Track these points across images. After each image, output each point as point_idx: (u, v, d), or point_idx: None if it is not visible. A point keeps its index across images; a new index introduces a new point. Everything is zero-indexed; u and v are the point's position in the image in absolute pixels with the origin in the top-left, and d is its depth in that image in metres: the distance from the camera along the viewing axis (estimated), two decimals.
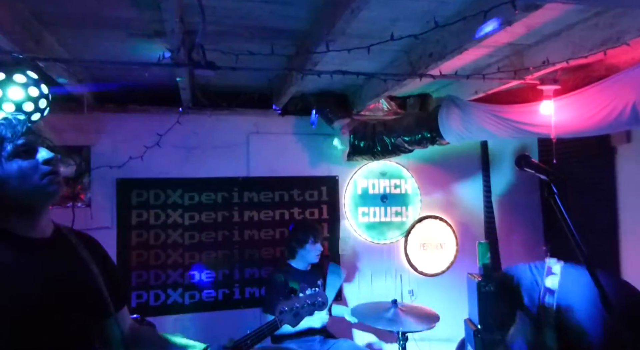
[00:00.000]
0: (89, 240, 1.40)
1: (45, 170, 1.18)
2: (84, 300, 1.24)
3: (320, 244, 3.46)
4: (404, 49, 2.67)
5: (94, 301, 1.28)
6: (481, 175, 4.35)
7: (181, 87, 3.00)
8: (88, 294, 1.26)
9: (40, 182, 1.18)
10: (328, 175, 4.12)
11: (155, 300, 3.67)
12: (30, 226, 1.20)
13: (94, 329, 1.27)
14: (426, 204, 4.30)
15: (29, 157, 1.17)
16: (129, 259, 3.62)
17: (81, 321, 1.22)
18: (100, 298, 1.29)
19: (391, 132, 3.68)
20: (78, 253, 1.30)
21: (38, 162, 1.18)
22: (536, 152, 4.19)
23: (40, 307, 1.13)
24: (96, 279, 1.30)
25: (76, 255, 1.29)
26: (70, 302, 1.20)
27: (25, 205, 1.18)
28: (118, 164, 3.52)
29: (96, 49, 2.58)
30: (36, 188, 1.17)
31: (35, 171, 1.17)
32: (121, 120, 3.58)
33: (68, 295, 1.21)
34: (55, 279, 1.19)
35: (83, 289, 1.26)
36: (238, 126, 3.90)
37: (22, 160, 1.16)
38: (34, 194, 1.18)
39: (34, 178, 1.17)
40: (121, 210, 3.63)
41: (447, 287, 4.21)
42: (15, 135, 1.17)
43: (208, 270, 3.79)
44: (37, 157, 1.18)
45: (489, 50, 2.65)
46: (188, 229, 3.77)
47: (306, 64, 2.48)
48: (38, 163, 1.18)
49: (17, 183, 1.15)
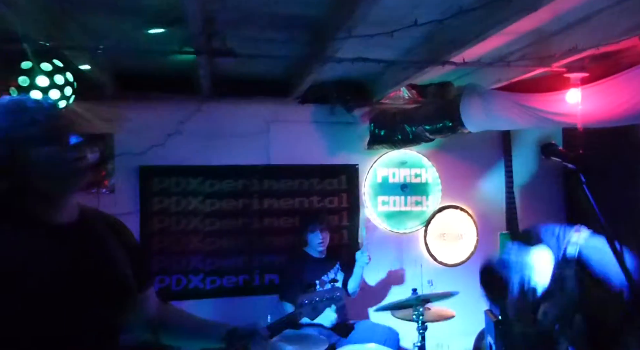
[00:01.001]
0: (113, 222, 1.41)
1: (73, 155, 1.20)
2: (108, 282, 1.27)
3: (321, 232, 3.44)
4: (425, 36, 2.62)
5: (118, 282, 1.29)
6: (503, 164, 4.27)
7: (201, 75, 3.02)
8: (112, 275, 1.28)
9: (67, 167, 1.19)
10: (348, 164, 4.10)
11: (177, 285, 3.75)
12: (57, 211, 1.22)
13: (120, 310, 1.30)
14: (446, 194, 4.26)
15: (57, 141, 1.18)
16: (152, 244, 3.70)
17: (107, 303, 1.25)
18: (124, 279, 1.31)
19: (412, 121, 3.64)
20: (103, 236, 1.32)
21: (66, 146, 1.19)
22: (560, 142, 4.09)
23: (66, 291, 1.16)
24: (120, 261, 1.31)
25: (101, 238, 1.30)
26: (95, 285, 1.23)
27: (52, 189, 1.20)
28: (140, 151, 3.58)
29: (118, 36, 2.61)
30: (63, 173, 1.19)
31: (64, 156, 1.18)
32: (142, 108, 3.63)
33: (93, 278, 1.23)
34: (81, 263, 1.22)
35: (107, 271, 1.28)
36: (258, 114, 3.91)
37: (51, 145, 1.17)
38: (61, 179, 1.20)
39: (62, 163, 1.18)
40: (144, 197, 3.70)
41: (467, 277, 4.16)
42: (45, 119, 1.18)
43: (228, 256, 3.84)
44: (65, 141, 1.20)
45: (512, 37, 2.58)
46: (209, 216, 3.82)
47: (326, 51, 2.47)
48: (66, 148, 1.19)
49: (45, 167, 1.16)
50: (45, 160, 1.16)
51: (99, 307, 1.23)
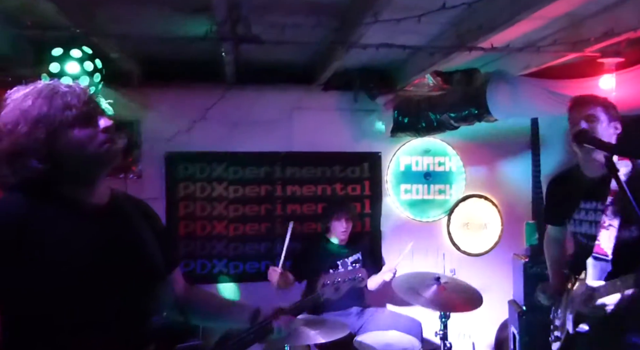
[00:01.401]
0: (141, 205, 1.45)
1: (104, 138, 1.23)
2: (138, 264, 1.30)
3: (345, 221, 3.43)
4: (452, 21, 2.57)
5: (148, 264, 1.33)
6: (530, 153, 4.18)
7: (226, 62, 3.03)
8: (142, 257, 1.32)
9: (100, 150, 1.22)
10: (371, 152, 4.09)
11: (201, 269, 3.83)
12: (89, 192, 1.26)
13: (148, 291, 1.34)
14: (471, 183, 4.20)
15: (90, 125, 1.21)
16: (177, 229, 3.78)
17: (136, 284, 1.28)
18: (153, 261, 1.35)
19: (436, 108, 3.59)
20: (132, 218, 1.36)
21: (98, 130, 1.22)
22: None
23: (97, 270, 1.20)
24: (149, 243, 1.35)
25: (131, 220, 1.34)
26: (125, 265, 1.26)
27: (85, 171, 1.24)
28: (166, 137, 3.64)
29: (144, 24, 2.64)
30: (95, 155, 1.22)
31: (95, 139, 1.21)
32: (168, 95, 3.68)
33: (123, 258, 1.27)
34: (112, 243, 1.25)
35: (137, 253, 1.31)
36: (281, 101, 3.91)
37: (84, 128, 1.20)
38: (93, 161, 1.23)
39: (94, 145, 1.21)
40: (169, 183, 3.77)
41: (490, 267, 4.14)
42: (79, 103, 1.21)
43: (251, 242, 3.89)
44: (97, 125, 1.23)
45: (543, 22, 2.50)
46: (232, 202, 3.87)
47: (351, 37, 2.44)
48: (98, 131, 1.22)
49: (78, 150, 1.19)
50: (79, 143, 1.20)
51: (130, 286, 1.26)
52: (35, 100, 1.18)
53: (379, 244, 4.07)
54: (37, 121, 1.16)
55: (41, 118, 1.17)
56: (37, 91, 1.21)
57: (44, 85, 1.24)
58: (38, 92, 1.20)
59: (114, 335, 1.22)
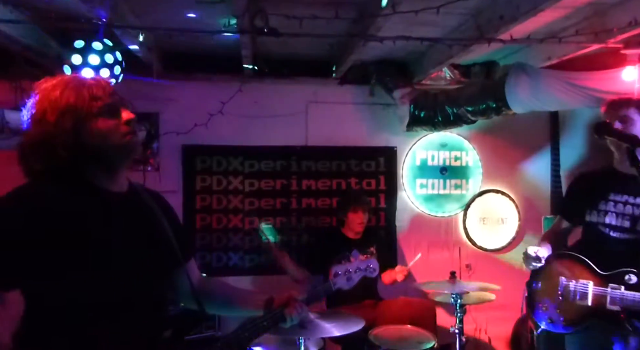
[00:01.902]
0: (157, 196, 1.48)
1: (127, 129, 1.27)
2: (156, 250, 1.34)
3: (363, 213, 3.43)
4: (471, 12, 2.54)
5: (165, 251, 1.36)
6: (549, 147, 4.12)
7: (244, 55, 3.05)
8: (159, 243, 1.35)
9: (122, 140, 1.26)
10: (386, 146, 4.07)
11: (217, 262, 3.86)
12: (111, 180, 1.30)
13: (165, 277, 1.37)
14: (488, 177, 4.16)
15: (113, 116, 1.26)
16: (194, 222, 3.81)
17: (153, 270, 1.31)
18: (170, 249, 1.38)
19: (454, 102, 3.56)
20: (150, 207, 1.39)
21: (121, 121, 1.26)
22: None
23: (117, 255, 1.22)
24: (166, 231, 1.38)
25: (148, 209, 1.37)
26: (143, 250, 1.29)
27: (107, 160, 1.27)
28: (184, 130, 3.67)
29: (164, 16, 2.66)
30: (118, 146, 1.26)
31: (118, 130, 1.26)
32: (187, 88, 3.71)
33: (141, 244, 1.30)
34: (131, 229, 1.29)
35: (154, 239, 1.34)
36: (297, 95, 3.92)
37: (107, 119, 1.25)
38: (116, 151, 1.27)
39: (117, 136, 1.25)
40: (187, 175, 3.81)
41: (507, 263, 4.10)
42: (104, 95, 1.25)
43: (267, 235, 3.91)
44: (120, 116, 1.27)
45: (566, 12, 2.46)
46: (248, 196, 3.89)
47: (369, 29, 2.43)
48: (120, 123, 1.26)
49: (102, 140, 1.23)
50: (103, 133, 1.24)
51: (147, 272, 1.29)
52: (63, 91, 1.22)
53: (394, 239, 4.06)
54: (64, 111, 1.20)
55: (69, 108, 1.21)
56: (65, 82, 1.25)
57: (71, 77, 1.28)
58: (65, 83, 1.25)
59: (131, 319, 1.25)
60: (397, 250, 4.05)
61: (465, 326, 2.91)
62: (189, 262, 1.52)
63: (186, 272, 1.48)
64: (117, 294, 1.22)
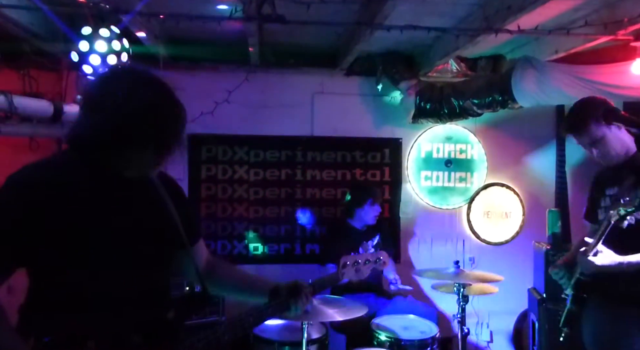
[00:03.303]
0: (166, 178, 1.51)
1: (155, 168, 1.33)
2: (163, 230, 1.36)
3: (379, 205, 3.47)
4: (479, 2, 2.53)
5: (172, 233, 1.39)
6: (555, 142, 4.10)
7: (250, 44, 3.05)
8: (166, 224, 1.38)
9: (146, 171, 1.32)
10: (391, 138, 4.07)
11: (222, 250, 3.89)
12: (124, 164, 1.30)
13: (171, 258, 1.40)
14: (493, 171, 4.15)
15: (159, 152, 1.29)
16: (199, 210, 3.84)
17: (159, 250, 1.35)
18: (177, 231, 1.40)
19: (459, 95, 3.55)
20: (158, 190, 1.41)
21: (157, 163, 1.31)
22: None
23: (124, 233, 1.26)
24: (173, 214, 1.40)
25: (156, 190, 1.40)
26: (150, 230, 1.33)
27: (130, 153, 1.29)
28: (190, 119, 3.65)
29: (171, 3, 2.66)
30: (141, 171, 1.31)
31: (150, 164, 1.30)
32: (193, 76, 3.71)
33: (148, 223, 1.33)
34: (139, 208, 1.33)
35: (162, 220, 1.37)
36: (303, 85, 3.92)
37: (154, 154, 1.28)
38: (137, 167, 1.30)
39: (146, 168, 1.31)
40: (192, 164, 3.83)
41: (511, 257, 4.09)
42: (177, 127, 1.32)
43: (271, 225, 3.93)
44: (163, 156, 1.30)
45: (575, 3, 2.44)
46: (253, 185, 3.91)
47: (376, 17, 2.43)
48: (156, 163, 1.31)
49: (135, 164, 1.28)
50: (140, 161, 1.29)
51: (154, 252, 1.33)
52: (168, 100, 1.29)
53: (397, 230, 4.07)
54: (151, 119, 1.22)
55: (157, 121, 1.23)
56: (174, 95, 1.32)
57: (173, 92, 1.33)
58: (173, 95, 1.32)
59: (135, 299, 1.27)
60: (399, 242, 4.06)
61: (467, 320, 2.92)
62: (196, 244, 1.54)
63: (192, 254, 1.50)
64: (121, 272, 1.25)
